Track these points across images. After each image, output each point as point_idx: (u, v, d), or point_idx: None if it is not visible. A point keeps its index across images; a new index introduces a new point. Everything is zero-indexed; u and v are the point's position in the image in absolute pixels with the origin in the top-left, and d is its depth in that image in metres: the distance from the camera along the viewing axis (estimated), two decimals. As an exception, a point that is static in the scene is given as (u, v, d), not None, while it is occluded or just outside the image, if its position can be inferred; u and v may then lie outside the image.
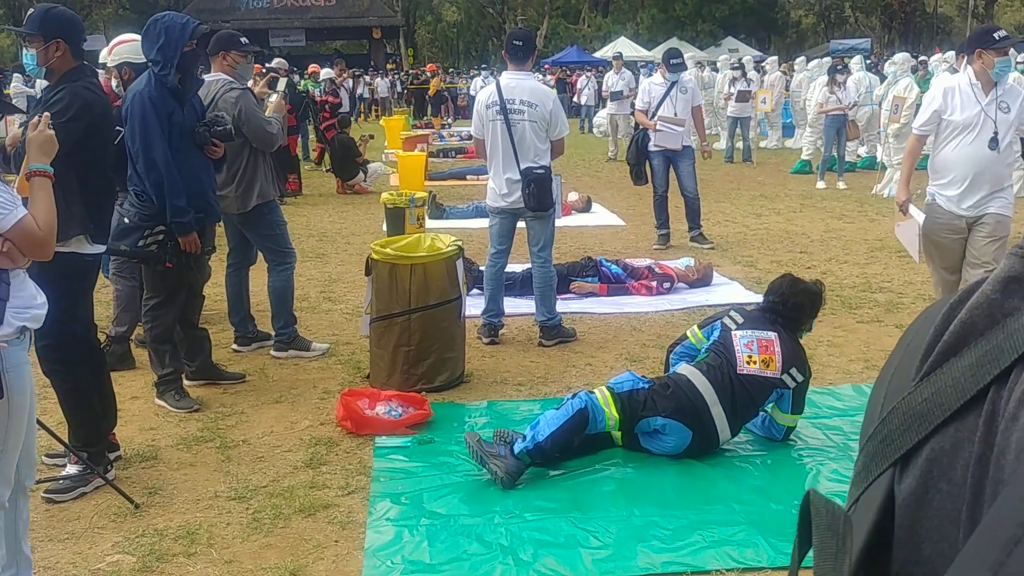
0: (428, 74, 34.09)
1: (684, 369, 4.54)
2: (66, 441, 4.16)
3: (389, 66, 45.31)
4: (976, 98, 5.64)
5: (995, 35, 5.69)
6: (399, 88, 36.10)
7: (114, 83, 6.06)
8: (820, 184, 14.39)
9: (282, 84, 6.88)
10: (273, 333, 6.29)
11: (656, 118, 9.60)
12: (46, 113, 3.33)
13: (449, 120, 29.53)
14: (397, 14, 58.10)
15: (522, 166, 6.18)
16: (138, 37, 5.91)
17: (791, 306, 4.65)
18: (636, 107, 10.20)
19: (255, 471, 4.46)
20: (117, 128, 5.36)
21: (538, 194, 6.18)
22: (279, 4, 50.20)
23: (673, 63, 9.82)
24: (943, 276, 5.86)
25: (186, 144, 5.10)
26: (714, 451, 4.53)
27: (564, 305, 7.27)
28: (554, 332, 6.48)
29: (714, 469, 4.43)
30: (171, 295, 5.21)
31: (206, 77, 5.97)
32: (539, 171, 6.17)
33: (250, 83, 6.46)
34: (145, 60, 5.35)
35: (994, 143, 5.64)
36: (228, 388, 5.62)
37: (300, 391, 5.56)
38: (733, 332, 4.56)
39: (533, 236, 6.41)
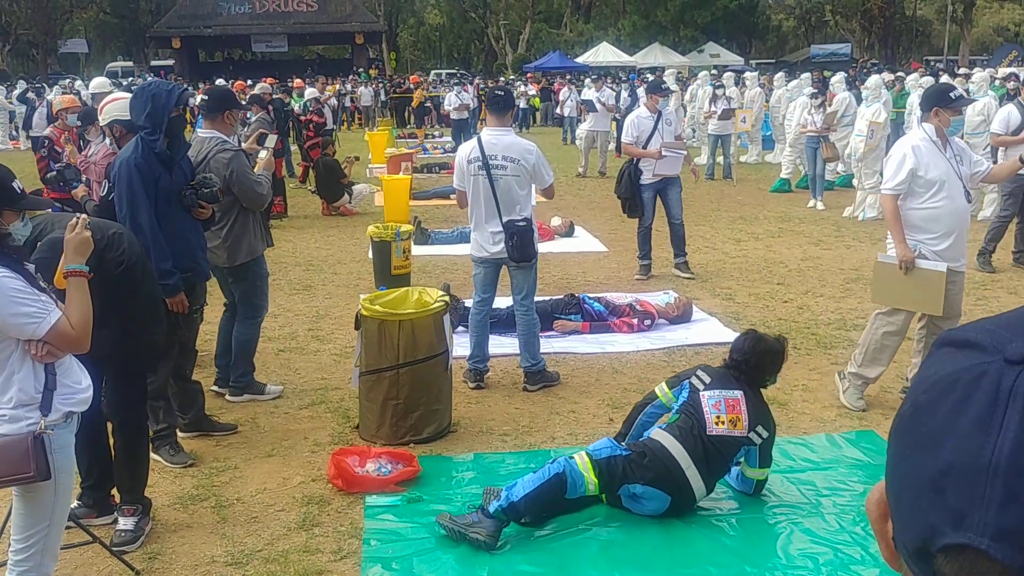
0: (411, 85, 34.18)
1: (657, 434, 4.67)
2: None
3: (372, 72, 45.32)
4: (940, 153, 5.93)
5: (951, 95, 6.03)
6: (382, 97, 36.17)
7: (108, 141, 6.21)
8: (813, 203, 14.58)
9: (271, 141, 7.02)
10: (231, 379, 6.49)
11: (661, 146, 9.76)
12: (83, 216, 3.52)
13: (435, 132, 29.66)
14: (379, 19, 58.19)
15: (504, 219, 6.38)
16: (126, 96, 6.09)
17: (754, 365, 4.82)
18: (624, 141, 10.32)
19: (250, 533, 4.61)
20: (110, 185, 5.52)
21: (520, 245, 6.38)
22: (261, 10, 50.21)
23: (663, 88, 10.38)
24: (906, 320, 6.15)
25: (173, 207, 5.27)
26: (691, 508, 4.71)
27: (548, 344, 7.46)
28: (538, 377, 6.66)
29: (692, 528, 4.61)
30: (165, 353, 5.35)
31: (200, 133, 6.12)
32: (521, 223, 6.36)
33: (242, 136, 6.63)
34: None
35: (968, 195, 5.98)
36: (221, 440, 5.77)
37: (291, 443, 5.72)
38: (701, 393, 4.72)
39: (516, 285, 6.59)
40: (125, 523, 4.53)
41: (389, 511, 4.80)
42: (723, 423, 4.62)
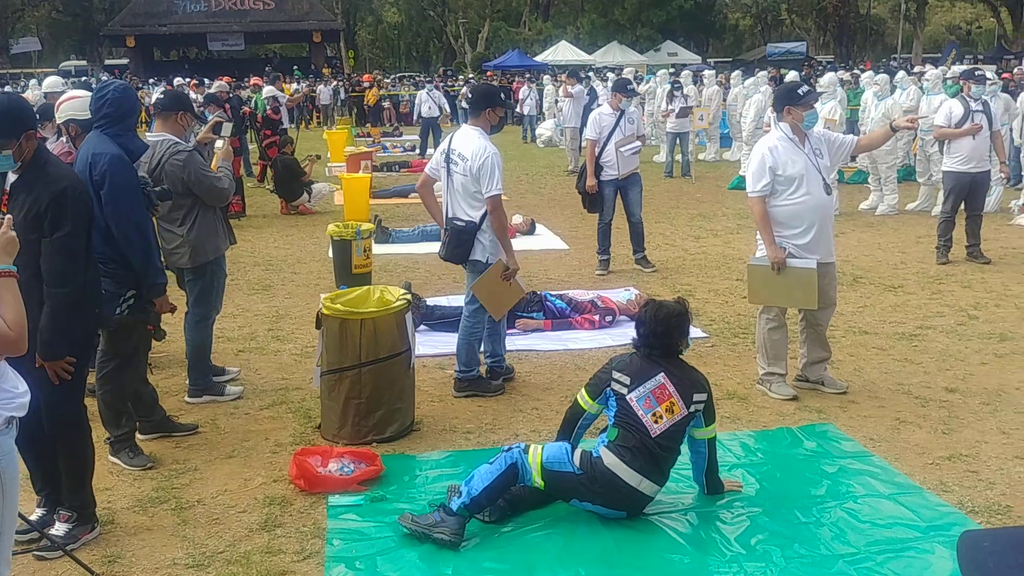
0: (365, 84, 34.03)
1: (606, 457, 4.53)
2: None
3: (325, 71, 45.02)
4: (798, 149, 6.12)
5: (799, 91, 6.25)
6: (342, 95, 35.97)
7: (64, 139, 6.11)
8: None
9: (227, 130, 6.95)
10: (189, 381, 6.44)
11: (614, 144, 9.82)
12: (8, 216, 3.41)
13: (396, 129, 29.48)
14: (337, 17, 57.84)
15: (449, 215, 6.38)
16: (83, 94, 5.99)
17: (661, 334, 4.69)
18: (586, 136, 10.37)
19: (211, 535, 4.57)
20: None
21: (451, 244, 6.36)
22: (217, 8, 49.70)
23: (628, 89, 10.40)
24: (780, 312, 6.38)
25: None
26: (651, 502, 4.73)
27: (510, 341, 7.46)
28: (465, 384, 6.51)
29: (653, 523, 4.63)
30: (128, 357, 5.29)
31: (150, 137, 6.03)
32: (460, 223, 6.31)
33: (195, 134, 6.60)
34: (91, 119, 5.49)
35: (827, 188, 6.17)
36: (181, 442, 5.71)
37: (252, 444, 5.67)
38: (627, 397, 4.59)
39: (467, 286, 6.55)
40: (56, 529, 4.40)
41: (352, 511, 4.77)
42: (661, 418, 4.53)
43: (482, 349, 6.67)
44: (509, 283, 6.34)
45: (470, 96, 6.78)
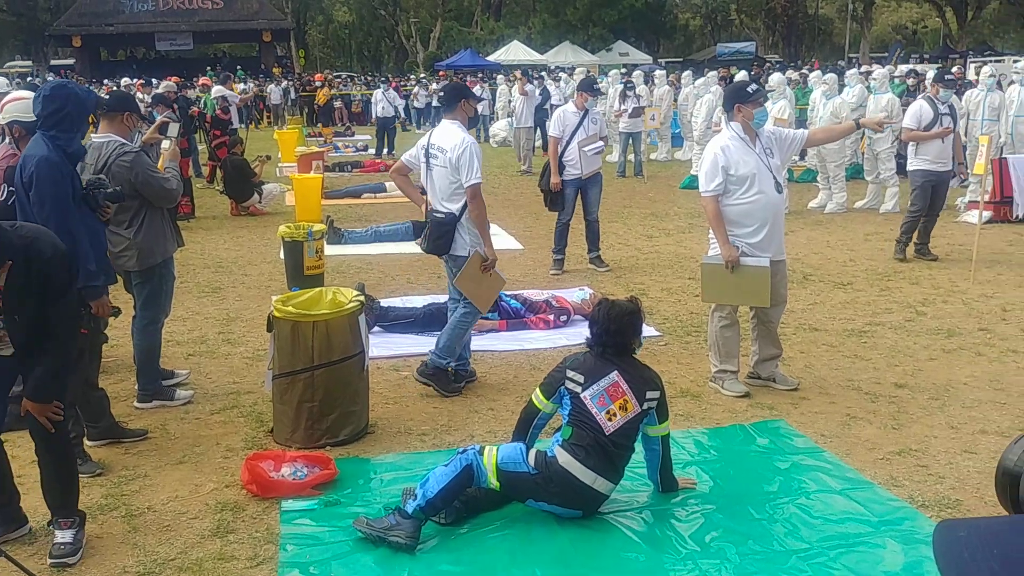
0: (317, 83, 33.83)
1: (560, 456, 4.53)
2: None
3: (275, 71, 44.65)
4: (749, 149, 6.18)
5: (748, 89, 6.30)
6: (292, 95, 35.68)
7: (8, 140, 5.98)
8: None
9: (174, 130, 6.85)
10: (137, 387, 6.34)
11: (578, 144, 9.85)
12: None
13: (348, 129, 29.30)
14: (287, 16, 57.36)
15: (431, 207, 6.39)
16: (28, 95, 5.87)
17: (614, 331, 4.70)
18: (550, 134, 10.38)
19: (162, 542, 4.49)
20: (11, 189, 5.32)
21: (432, 236, 6.40)
22: (165, 7, 49.10)
23: (594, 88, 10.49)
24: (733, 310, 6.46)
25: (83, 209, 5.10)
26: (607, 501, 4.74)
27: (465, 342, 7.46)
28: (429, 370, 6.45)
29: (608, 522, 4.63)
30: (75, 361, 5.18)
31: (94, 139, 5.92)
32: (440, 215, 6.34)
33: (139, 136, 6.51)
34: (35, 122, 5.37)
35: (779, 186, 6.25)
36: (130, 447, 5.61)
37: (203, 449, 5.59)
38: (582, 396, 4.59)
39: (451, 281, 6.56)
40: (63, 536, 4.33)
41: (306, 515, 4.72)
42: (615, 415, 4.54)
43: None
44: (489, 273, 6.36)
45: (442, 94, 6.79)
